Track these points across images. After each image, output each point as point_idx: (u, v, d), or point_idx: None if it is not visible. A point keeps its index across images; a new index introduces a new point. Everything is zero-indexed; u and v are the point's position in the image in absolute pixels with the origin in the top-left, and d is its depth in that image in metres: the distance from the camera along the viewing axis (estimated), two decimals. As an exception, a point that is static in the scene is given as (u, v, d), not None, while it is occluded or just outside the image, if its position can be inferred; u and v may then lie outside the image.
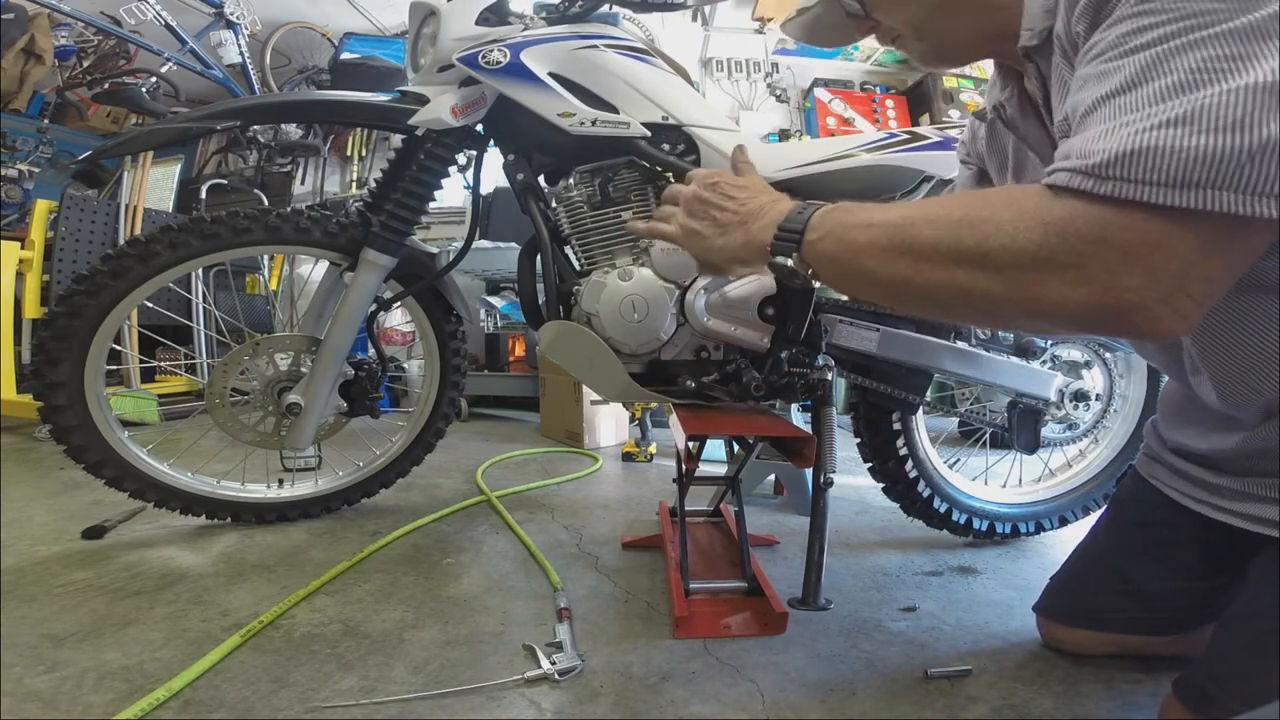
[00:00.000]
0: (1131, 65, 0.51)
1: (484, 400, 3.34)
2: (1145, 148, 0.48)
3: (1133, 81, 0.51)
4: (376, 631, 0.98)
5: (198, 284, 2.69)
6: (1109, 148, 0.49)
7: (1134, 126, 0.49)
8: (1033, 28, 0.65)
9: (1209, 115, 0.46)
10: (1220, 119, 0.46)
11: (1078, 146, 0.52)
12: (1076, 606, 0.93)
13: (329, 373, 1.36)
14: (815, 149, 1.29)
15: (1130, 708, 0.82)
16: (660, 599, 1.10)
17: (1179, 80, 0.48)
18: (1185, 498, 0.82)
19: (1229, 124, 0.46)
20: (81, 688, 0.82)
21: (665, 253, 1.19)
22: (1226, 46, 0.47)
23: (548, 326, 1.24)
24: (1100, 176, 0.49)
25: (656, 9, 1.33)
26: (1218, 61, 0.47)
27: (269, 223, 1.29)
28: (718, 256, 0.78)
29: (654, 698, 0.82)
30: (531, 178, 1.29)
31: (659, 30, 3.74)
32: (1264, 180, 0.45)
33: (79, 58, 3.80)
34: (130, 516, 1.46)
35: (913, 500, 1.34)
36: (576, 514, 1.58)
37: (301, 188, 4.25)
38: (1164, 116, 0.48)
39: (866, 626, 1.02)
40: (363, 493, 1.55)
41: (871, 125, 3.76)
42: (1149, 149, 0.48)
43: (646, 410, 2.48)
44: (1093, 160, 0.50)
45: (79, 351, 1.22)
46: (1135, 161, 0.48)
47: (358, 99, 1.28)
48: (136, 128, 3.08)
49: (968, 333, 1.27)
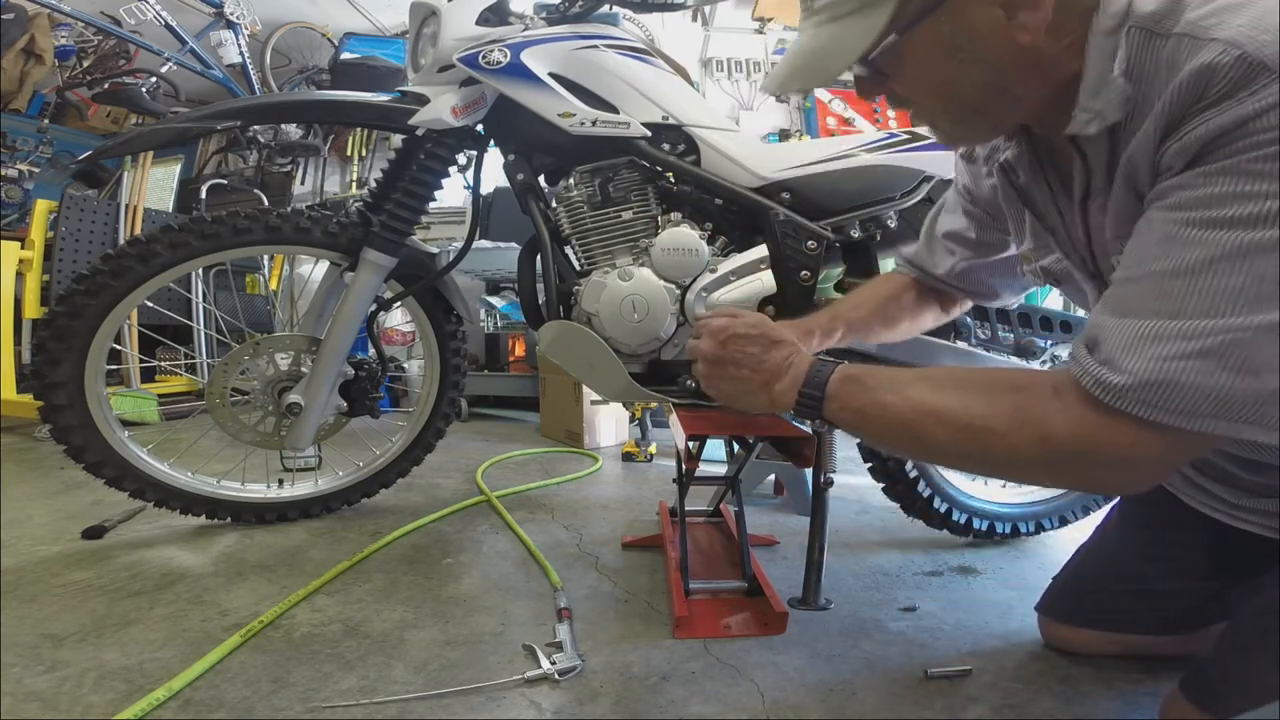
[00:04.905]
0: (1200, 249, 0.49)
1: (484, 400, 3.33)
2: (1170, 381, 0.49)
3: (1187, 269, 0.49)
4: (376, 631, 0.98)
5: (198, 284, 2.68)
6: (1135, 371, 0.51)
7: (1166, 350, 0.50)
8: (1096, 112, 0.58)
9: (1238, 353, 0.47)
10: (1248, 360, 0.47)
11: (1108, 347, 0.53)
12: (1082, 606, 0.93)
13: (329, 373, 1.36)
14: (815, 149, 1.29)
15: (1130, 708, 0.82)
16: (660, 599, 1.10)
17: (1236, 287, 0.47)
18: (1204, 506, 0.82)
19: (1254, 367, 0.47)
20: (81, 688, 0.82)
21: (665, 252, 1.19)
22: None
23: (548, 326, 1.23)
24: (1121, 397, 0.51)
25: (656, 9, 1.33)
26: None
27: (269, 223, 1.29)
28: (745, 409, 0.82)
29: (654, 698, 0.82)
30: (531, 178, 1.29)
31: (659, 30, 3.73)
32: (1263, 417, 0.48)
33: (79, 58, 3.80)
34: (130, 516, 1.46)
35: (913, 500, 1.34)
36: (576, 514, 1.58)
37: (301, 188, 4.25)
38: (1198, 345, 0.48)
39: (866, 626, 1.02)
40: (362, 493, 1.55)
41: (871, 125, 3.76)
42: (1173, 383, 0.49)
43: (646, 410, 2.48)
44: (1117, 382, 0.51)
45: (79, 351, 1.22)
46: (1157, 392, 0.50)
47: (358, 99, 1.28)
48: (136, 128, 3.08)
49: (967, 332, 1.27)
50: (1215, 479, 0.79)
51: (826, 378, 0.70)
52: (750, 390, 0.77)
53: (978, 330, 1.28)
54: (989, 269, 0.97)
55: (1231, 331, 0.47)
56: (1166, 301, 0.50)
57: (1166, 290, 0.51)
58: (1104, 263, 0.69)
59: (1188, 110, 0.50)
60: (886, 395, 0.65)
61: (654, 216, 1.25)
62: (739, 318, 0.81)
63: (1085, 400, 0.54)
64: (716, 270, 1.20)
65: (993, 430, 0.57)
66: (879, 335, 1.03)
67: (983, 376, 0.63)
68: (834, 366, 0.71)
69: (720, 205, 1.26)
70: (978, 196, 0.90)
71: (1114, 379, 0.52)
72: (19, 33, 3.43)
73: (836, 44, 0.62)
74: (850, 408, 0.68)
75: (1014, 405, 0.57)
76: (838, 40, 0.62)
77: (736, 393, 0.79)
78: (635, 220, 1.24)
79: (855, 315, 1.01)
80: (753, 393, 0.77)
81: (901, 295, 1.04)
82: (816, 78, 0.65)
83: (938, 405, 0.61)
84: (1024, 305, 1.29)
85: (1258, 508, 0.74)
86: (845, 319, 1.00)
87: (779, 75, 0.68)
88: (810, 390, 0.70)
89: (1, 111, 3.53)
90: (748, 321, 0.80)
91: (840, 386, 0.69)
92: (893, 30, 0.59)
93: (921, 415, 0.62)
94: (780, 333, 0.79)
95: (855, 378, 0.68)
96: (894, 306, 1.03)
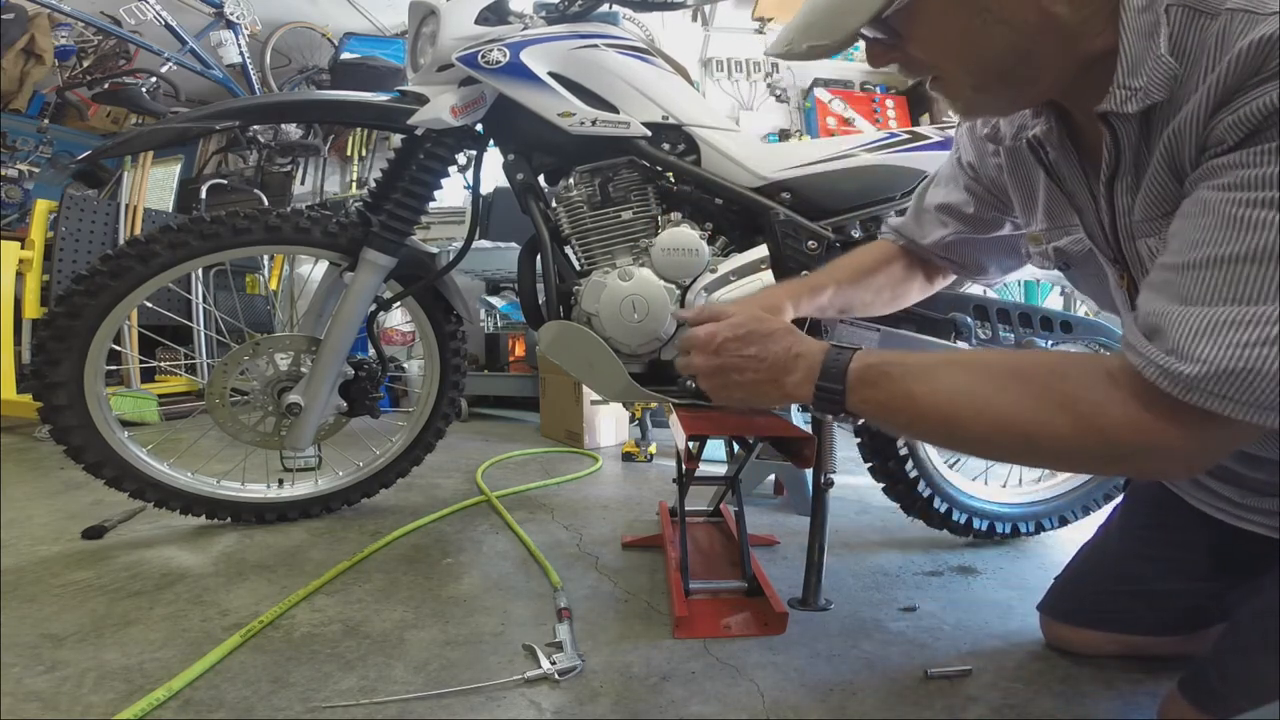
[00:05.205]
0: (1271, 232, 0.46)
1: (484, 400, 3.33)
2: (1247, 369, 0.46)
3: (1259, 254, 0.46)
4: (376, 631, 0.98)
5: (198, 284, 2.68)
6: (1211, 359, 0.47)
7: (1244, 336, 0.46)
8: (1136, 90, 0.55)
9: None
10: None
11: (1174, 336, 0.49)
12: (1083, 606, 0.93)
13: (329, 373, 1.36)
14: (815, 149, 1.29)
15: (1130, 708, 0.82)
16: (660, 599, 1.10)
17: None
18: (1208, 506, 0.82)
19: None
20: (81, 688, 0.82)
21: (665, 252, 1.19)
22: None
23: (548, 326, 1.23)
24: (1191, 388, 0.48)
25: (656, 8, 1.33)
26: None
27: (269, 223, 1.29)
28: (762, 407, 0.77)
29: (654, 698, 0.82)
30: (531, 177, 1.29)
31: (659, 30, 3.73)
32: None
33: (79, 58, 3.80)
34: (130, 516, 1.46)
35: (913, 500, 1.34)
36: (576, 514, 1.58)
37: (301, 188, 4.25)
38: (1277, 330, 0.45)
39: (866, 626, 1.02)
40: (362, 493, 1.55)
41: (871, 125, 3.76)
42: (1250, 371, 0.45)
43: (646, 410, 2.48)
44: (1190, 371, 0.48)
45: (79, 351, 1.22)
46: (1232, 382, 0.46)
47: (358, 99, 1.28)
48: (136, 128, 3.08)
49: (968, 333, 1.26)
50: (1221, 479, 0.79)
51: (845, 367, 0.65)
52: (761, 391, 0.73)
53: (978, 330, 1.27)
54: (980, 246, 0.97)
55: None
56: (1239, 287, 0.47)
57: (1238, 276, 0.47)
58: (1128, 245, 0.66)
59: (1244, 83, 0.48)
60: (914, 385, 0.61)
61: (654, 216, 1.25)
62: (722, 319, 0.76)
63: (1146, 391, 0.51)
64: (717, 270, 1.20)
65: (1041, 423, 0.54)
66: (865, 301, 1.00)
67: (1018, 361, 0.60)
68: (851, 354, 0.66)
69: (720, 205, 1.26)
70: (982, 174, 0.88)
71: (1184, 369, 0.48)
72: (19, 33, 3.43)
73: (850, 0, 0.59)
74: (874, 400, 0.63)
75: (1062, 396, 0.54)
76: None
77: (747, 397, 0.75)
78: (635, 220, 1.24)
79: (843, 276, 0.98)
80: (764, 392, 0.72)
81: (890, 263, 1.02)
82: (828, 35, 0.60)
83: (975, 396, 0.58)
84: (1024, 305, 1.29)
85: (1261, 507, 0.74)
86: (834, 279, 0.97)
87: (787, 34, 0.64)
88: (829, 384, 0.65)
89: (1, 111, 3.53)
90: (733, 323, 0.75)
91: (862, 376, 0.64)
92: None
93: (957, 407, 0.58)
94: (770, 322, 0.74)
95: (877, 366, 0.64)
96: (882, 274, 1.01)
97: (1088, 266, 0.77)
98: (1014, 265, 1.01)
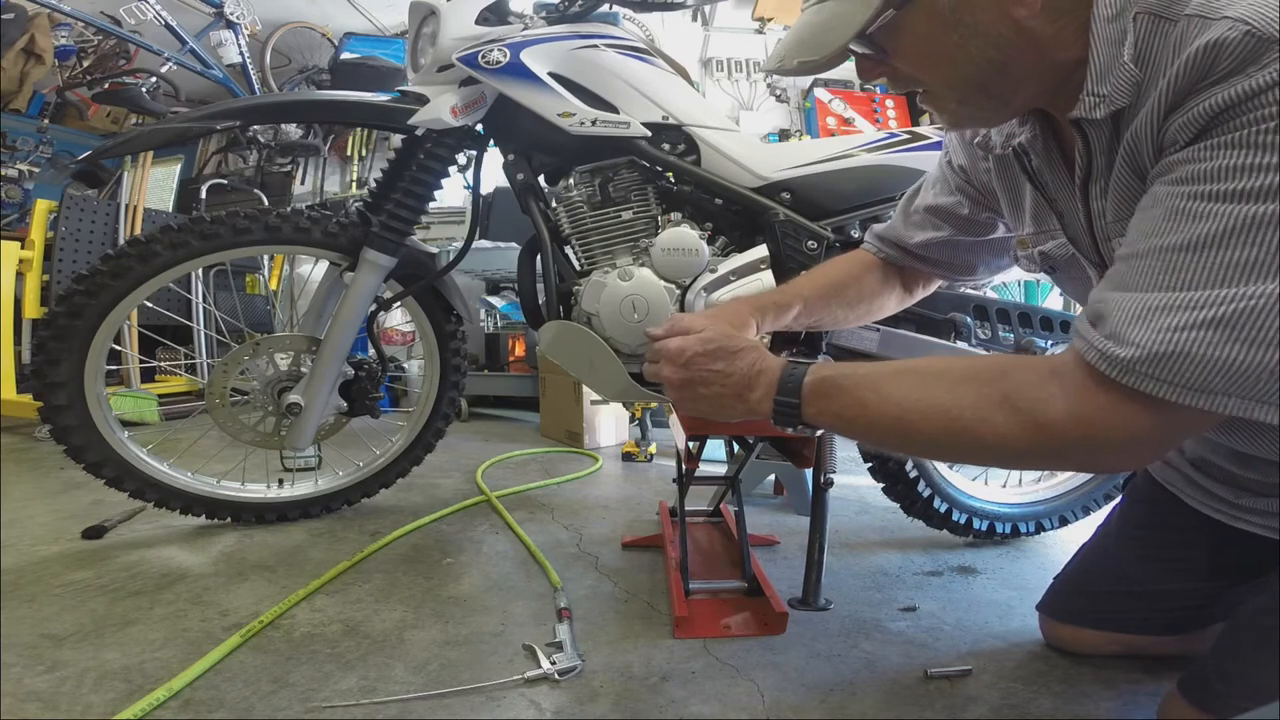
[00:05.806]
0: (1209, 222, 0.48)
1: (484, 400, 3.33)
2: (1178, 352, 0.48)
3: (1197, 242, 0.48)
4: (376, 631, 0.98)
5: (198, 284, 2.69)
6: (1143, 343, 0.49)
7: (1176, 320, 0.48)
8: (1103, 96, 0.58)
9: (1251, 323, 0.46)
10: (1260, 332, 0.46)
11: (1113, 321, 0.52)
12: (1083, 606, 0.93)
13: (329, 373, 1.36)
14: (815, 149, 1.29)
15: (1130, 708, 0.82)
16: (660, 599, 1.10)
17: (1246, 260, 0.46)
18: (1205, 506, 0.82)
19: (1265, 339, 0.45)
20: (81, 688, 0.82)
21: (665, 252, 1.19)
22: None
23: (548, 326, 1.23)
24: (1126, 371, 0.50)
25: (656, 9, 1.33)
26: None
27: (269, 223, 1.29)
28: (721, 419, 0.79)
29: (654, 698, 0.82)
30: (531, 178, 1.29)
31: (659, 30, 3.73)
32: (1272, 394, 0.46)
33: (79, 58, 3.80)
34: (130, 516, 1.46)
35: (913, 500, 1.34)
36: (576, 514, 1.58)
37: (301, 188, 4.25)
38: (1209, 314, 0.47)
39: (866, 626, 1.02)
40: (362, 493, 1.55)
41: (871, 125, 3.76)
42: (1181, 354, 0.47)
43: (646, 410, 2.48)
44: (1125, 354, 0.50)
45: (79, 351, 1.22)
46: (1165, 365, 0.48)
47: (358, 99, 1.28)
48: (136, 128, 3.09)
49: (968, 332, 1.27)
50: (1215, 478, 0.79)
51: (800, 381, 0.67)
52: (725, 404, 0.75)
53: (978, 330, 1.27)
54: (972, 247, 0.97)
55: (1242, 301, 0.46)
56: (1175, 275, 0.49)
57: (1175, 264, 0.49)
58: (1105, 247, 0.68)
59: (1195, 85, 0.50)
60: (865, 393, 0.63)
61: (654, 216, 1.25)
62: (692, 333, 0.78)
63: (1089, 379, 0.52)
64: (716, 270, 1.20)
65: (981, 420, 0.56)
66: (837, 316, 1.01)
67: (965, 365, 0.62)
68: (806, 369, 0.68)
69: (720, 205, 1.26)
70: (974, 177, 0.89)
71: (1120, 352, 0.50)
72: (19, 33, 3.43)
73: (837, 19, 0.63)
74: (829, 411, 0.66)
75: (1002, 393, 0.56)
76: (838, 15, 0.63)
77: (711, 410, 0.77)
78: (635, 220, 1.24)
79: (811, 292, 0.98)
80: (728, 406, 0.75)
81: (863, 276, 1.01)
82: (817, 51, 0.64)
83: (921, 399, 0.60)
84: (1024, 305, 1.29)
85: (1258, 507, 0.74)
86: (801, 295, 0.97)
87: (780, 51, 0.69)
88: (785, 398, 0.68)
89: (1, 111, 3.53)
90: (703, 338, 0.77)
91: (815, 389, 0.66)
92: (890, 5, 0.60)
93: (904, 411, 0.60)
94: (737, 340, 0.76)
95: (831, 379, 0.66)
96: (854, 287, 1.00)
97: (1072, 270, 0.79)
98: (1002, 265, 1.02)
